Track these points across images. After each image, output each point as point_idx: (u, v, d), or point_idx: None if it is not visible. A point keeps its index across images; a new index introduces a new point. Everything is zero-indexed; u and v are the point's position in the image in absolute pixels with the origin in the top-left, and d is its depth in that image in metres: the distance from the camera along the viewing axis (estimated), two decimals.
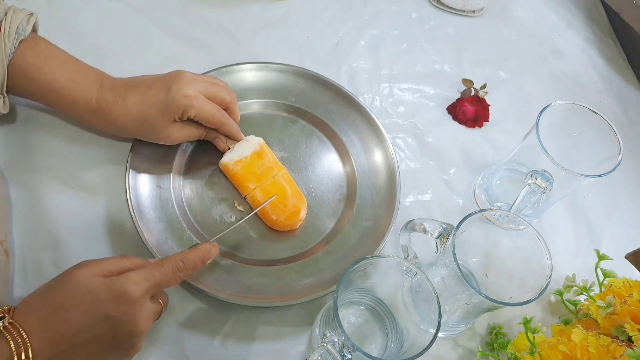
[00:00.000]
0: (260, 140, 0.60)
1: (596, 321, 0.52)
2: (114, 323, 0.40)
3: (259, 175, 0.58)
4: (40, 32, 0.56)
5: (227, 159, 0.58)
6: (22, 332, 0.38)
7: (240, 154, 0.59)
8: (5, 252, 0.50)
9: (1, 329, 0.37)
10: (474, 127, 0.73)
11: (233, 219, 0.58)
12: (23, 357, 0.37)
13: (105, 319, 0.40)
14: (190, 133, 0.57)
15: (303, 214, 0.58)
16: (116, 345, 0.41)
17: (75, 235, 0.54)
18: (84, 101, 0.53)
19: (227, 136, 0.59)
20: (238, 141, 0.60)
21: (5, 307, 0.40)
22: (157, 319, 0.45)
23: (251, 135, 0.60)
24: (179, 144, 0.59)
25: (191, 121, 0.56)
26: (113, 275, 0.42)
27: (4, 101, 0.54)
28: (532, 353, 0.49)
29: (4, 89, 0.52)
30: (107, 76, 0.55)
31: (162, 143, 0.57)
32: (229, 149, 0.59)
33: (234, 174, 0.58)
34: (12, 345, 0.37)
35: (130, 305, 0.41)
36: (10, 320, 0.38)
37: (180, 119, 0.54)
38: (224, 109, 0.57)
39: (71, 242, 0.54)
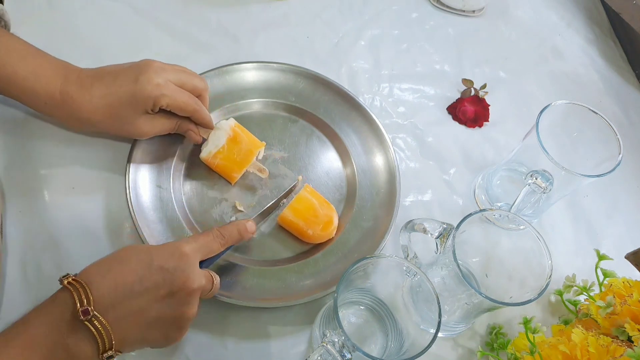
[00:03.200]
0: (232, 122, 0.59)
1: (596, 321, 0.52)
2: (169, 275, 0.42)
3: (240, 161, 0.58)
4: (40, 32, 0.57)
5: (206, 154, 0.58)
6: (84, 283, 0.40)
7: (216, 145, 0.58)
8: None
9: (66, 283, 0.40)
10: (474, 127, 0.73)
11: (233, 219, 0.58)
12: (85, 302, 0.39)
13: (160, 270, 0.42)
14: (162, 125, 0.56)
15: (336, 221, 0.58)
16: (173, 298, 0.43)
17: (75, 236, 0.54)
18: (46, 94, 0.52)
19: (200, 125, 0.58)
20: (211, 129, 0.58)
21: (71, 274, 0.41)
22: (209, 293, 0.47)
23: (221, 121, 0.59)
24: (177, 140, 0.59)
25: (163, 112, 0.55)
26: None
27: None
28: (532, 353, 0.49)
29: None
30: (73, 68, 0.54)
31: (132, 137, 0.56)
32: (204, 140, 0.58)
33: (217, 167, 0.58)
34: (75, 295, 0.39)
35: (184, 258, 0.43)
36: (74, 277, 0.40)
37: (152, 110, 0.53)
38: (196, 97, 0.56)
39: (71, 242, 0.54)
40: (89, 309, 0.39)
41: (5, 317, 0.49)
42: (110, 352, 0.40)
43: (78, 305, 0.39)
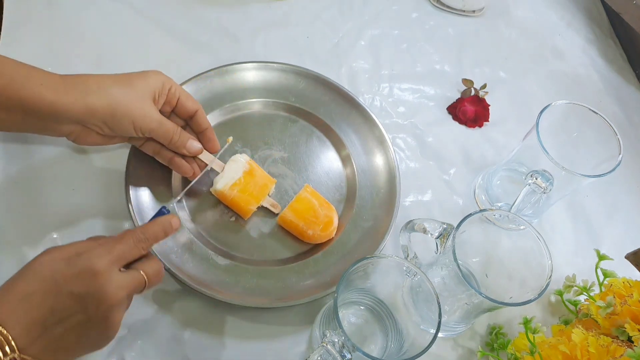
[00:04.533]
0: (247, 157, 0.58)
1: (596, 321, 0.52)
2: (80, 299, 0.39)
3: (256, 195, 0.57)
4: (40, 32, 0.56)
5: (222, 185, 0.55)
6: (2, 329, 0.37)
7: (233, 177, 0.56)
8: None
9: None
10: (474, 127, 0.73)
11: (233, 219, 0.58)
12: (7, 350, 0.37)
13: (71, 296, 0.39)
14: (166, 122, 0.53)
15: (336, 221, 0.58)
16: (91, 321, 0.40)
17: (75, 236, 0.54)
18: (43, 75, 0.47)
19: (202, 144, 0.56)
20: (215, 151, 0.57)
21: None
22: (143, 289, 0.44)
23: (236, 155, 0.58)
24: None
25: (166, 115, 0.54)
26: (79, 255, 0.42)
27: None
28: (532, 353, 0.49)
29: None
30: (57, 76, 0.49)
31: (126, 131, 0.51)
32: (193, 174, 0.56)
33: (233, 199, 0.56)
34: None
35: (95, 278, 0.40)
36: None
37: (158, 96, 0.52)
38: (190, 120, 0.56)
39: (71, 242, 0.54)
40: (15, 357, 0.37)
41: None
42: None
43: (1, 354, 0.36)
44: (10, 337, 0.37)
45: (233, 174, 0.56)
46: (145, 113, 0.51)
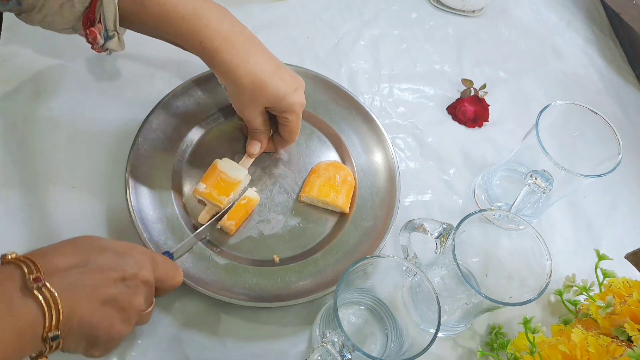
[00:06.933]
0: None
1: (596, 321, 0.52)
2: (121, 259, 0.41)
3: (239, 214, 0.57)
4: (40, 32, 0.56)
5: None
6: (31, 257, 0.37)
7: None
8: None
9: (9, 259, 0.36)
10: (473, 127, 0.73)
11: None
12: (35, 272, 0.36)
13: (114, 253, 0.41)
14: (262, 121, 0.57)
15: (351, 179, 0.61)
16: (123, 284, 0.40)
17: (75, 235, 0.54)
18: (206, 36, 0.50)
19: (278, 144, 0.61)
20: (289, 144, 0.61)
21: (15, 256, 0.37)
22: (145, 313, 0.44)
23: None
24: (177, 140, 0.59)
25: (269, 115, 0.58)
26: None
27: (118, 38, 0.51)
28: (532, 353, 0.49)
29: (117, 24, 0.49)
30: (236, 19, 0.53)
31: (238, 109, 0.56)
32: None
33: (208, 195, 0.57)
34: (24, 267, 0.36)
35: (139, 254, 0.43)
36: (18, 255, 0.37)
37: (270, 111, 0.56)
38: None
39: None
40: (40, 276, 0.36)
41: None
42: (54, 332, 0.36)
43: (27, 273, 0.35)
44: (41, 270, 0.36)
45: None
46: (246, 113, 0.56)
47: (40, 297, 0.35)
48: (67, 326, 0.37)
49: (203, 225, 0.56)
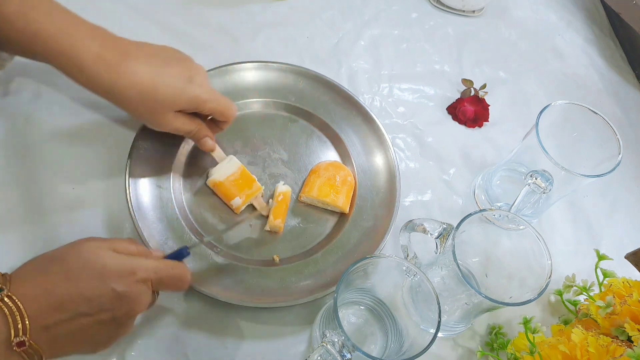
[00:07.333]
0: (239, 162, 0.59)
1: (596, 321, 0.52)
2: (117, 299, 0.40)
3: (248, 192, 0.58)
4: None
5: (219, 176, 0.57)
6: (18, 302, 0.37)
7: (227, 171, 0.58)
8: None
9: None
10: (473, 127, 0.73)
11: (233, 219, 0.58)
12: (20, 332, 0.36)
13: (112, 292, 0.40)
14: (183, 125, 0.54)
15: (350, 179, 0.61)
16: (112, 322, 0.41)
17: (75, 236, 0.54)
18: (78, 57, 0.47)
19: (219, 129, 0.58)
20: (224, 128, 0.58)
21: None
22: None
23: (230, 156, 0.59)
24: (177, 140, 0.58)
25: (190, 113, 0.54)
26: (121, 254, 0.42)
27: None
28: (532, 353, 0.49)
29: None
30: (110, 33, 0.50)
31: (150, 125, 0.54)
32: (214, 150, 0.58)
33: (228, 188, 0.57)
34: (10, 320, 0.36)
35: (137, 286, 0.41)
36: (8, 293, 0.37)
37: (185, 110, 0.53)
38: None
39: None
40: (25, 339, 0.36)
41: None
42: None
43: (12, 334, 0.36)
44: (26, 318, 0.36)
45: (229, 168, 0.58)
46: (155, 125, 0.53)
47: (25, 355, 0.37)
48: None
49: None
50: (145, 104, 0.50)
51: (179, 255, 0.48)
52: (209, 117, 0.56)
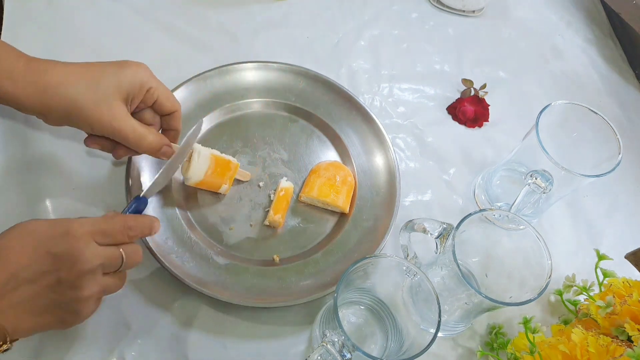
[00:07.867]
0: (198, 146, 0.55)
1: (596, 321, 0.52)
2: (55, 260, 0.40)
3: (229, 174, 0.57)
4: (40, 32, 0.56)
5: (196, 178, 0.54)
6: None
7: (202, 168, 0.54)
8: None
9: None
10: (473, 127, 0.73)
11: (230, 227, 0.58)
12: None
13: (48, 254, 0.40)
14: (137, 124, 0.49)
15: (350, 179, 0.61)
16: (62, 285, 0.40)
17: None
18: (8, 63, 0.46)
19: (170, 129, 0.54)
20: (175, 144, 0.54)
21: None
22: (120, 266, 0.44)
23: (195, 144, 0.54)
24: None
25: (141, 117, 0.51)
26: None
27: None
28: (532, 353, 0.49)
29: None
30: (17, 52, 0.48)
31: (101, 124, 0.48)
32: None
33: (211, 182, 0.56)
34: None
35: (73, 241, 0.40)
36: None
37: (134, 98, 0.49)
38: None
39: None
40: None
41: None
42: (5, 346, 0.39)
43: None
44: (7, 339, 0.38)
45: (202, 164, 0.54)
46: (103, 118, 0.47)
47: None
48: (14, 337, 0.39)
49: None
50: (86, 89, 0.46)
51: (136, 210, 0.49)
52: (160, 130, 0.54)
